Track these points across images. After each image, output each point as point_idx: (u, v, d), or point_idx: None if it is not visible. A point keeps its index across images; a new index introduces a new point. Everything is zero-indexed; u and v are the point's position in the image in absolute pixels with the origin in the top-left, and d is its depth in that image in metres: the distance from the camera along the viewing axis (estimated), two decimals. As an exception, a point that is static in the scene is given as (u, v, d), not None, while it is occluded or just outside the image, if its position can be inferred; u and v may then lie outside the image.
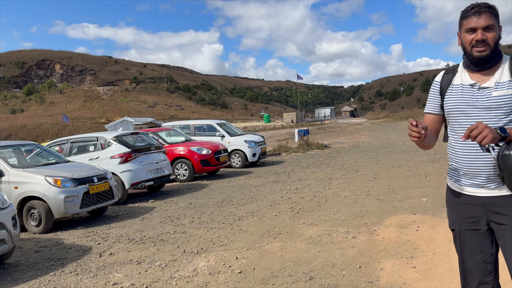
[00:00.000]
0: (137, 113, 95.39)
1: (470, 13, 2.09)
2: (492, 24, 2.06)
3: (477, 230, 2.20)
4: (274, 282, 4.11)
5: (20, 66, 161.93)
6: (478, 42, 2.08)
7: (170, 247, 5.50)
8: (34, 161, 7.75)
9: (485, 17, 2.06)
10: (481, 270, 2.20)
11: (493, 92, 2.09)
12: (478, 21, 2.07)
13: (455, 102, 2.21)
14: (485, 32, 2.06)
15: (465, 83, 2.19)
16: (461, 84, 2.21)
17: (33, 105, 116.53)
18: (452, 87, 2.25)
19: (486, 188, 2.14)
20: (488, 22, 2.06)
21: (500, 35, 2.12)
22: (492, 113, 2.09)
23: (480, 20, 2.06)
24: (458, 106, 2.19)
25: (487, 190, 2.14)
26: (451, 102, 2.23)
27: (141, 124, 48.90)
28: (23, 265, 5.15)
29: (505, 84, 2.09)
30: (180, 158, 11.79)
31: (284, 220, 6.58)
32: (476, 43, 2.08)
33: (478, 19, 2.07)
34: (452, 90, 2.24)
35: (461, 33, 2.17)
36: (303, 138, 19.55)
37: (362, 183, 9.50)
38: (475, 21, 2.07)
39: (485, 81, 2.13)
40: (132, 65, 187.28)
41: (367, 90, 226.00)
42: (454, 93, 2.23)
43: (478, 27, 2.07)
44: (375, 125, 41.03)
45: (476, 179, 2.15)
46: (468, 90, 2.17)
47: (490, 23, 2.06)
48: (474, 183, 2.17)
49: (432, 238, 5.13)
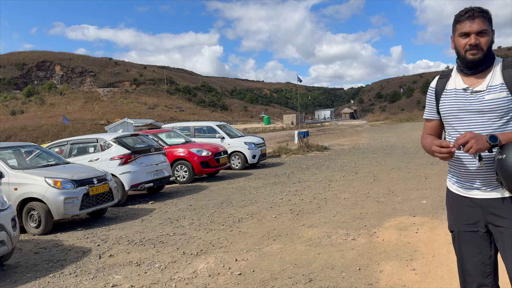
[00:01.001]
0: (137, 115, 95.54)
1: (463, 17, 2.11)
2: (485, 28, 2.07)
3: (476, 232, 2.21)
4: (273, 284, 4.10)
5: (20, 68, 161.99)
6: (472, 47, 2.09)
7: (169, 248, 5.50)
8: (34, 162, 7.75)
9: (479, 21, 2.07)
10: (480, 272, 2.21)
11: (486, 96, 2.10)
12: (471, 25, 2.08)
13: (449, 107, 2.22)
14: (478, 37, 2.08)
15: (458, 87, 2.20)
16: (455, 89, 2.22)
17: (33, 106, 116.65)
18: (446, 91, 2.26)
19: (482, 191, 2.15)
20: (482, 27, 2.07)
21: (493, 39, 2.14)
22: (485, 117, 2.10)
23: (473, 24, 2.07)
24: (452, 111, 2.21)
25: (484, 193, 2.15)
26: (445, 106, 2.24)
27: (141, 125, 48.97)
28: (23, 266, 5.15)
29: (497, 87, 2.10)
30: (180, 160, 11.79)
31: (283, 222, 6.58)
32: (470, 48, 2.10)
33: (471, 23, 2.08)
34: (445, 94, 2.26)
35: (454, 37, 2.19)
36: (303, 140, 19.56)
37: (362, 185, 9.50)
38: (469, 26, 2.08)
39: (478, 84, 2.14)
40: (132, 66, 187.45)
41: (367, 92, 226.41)
42: (448, 97, 2.24)
43: (471, 32, 2.08)
44: (375, 127, 41.05)
45: (473, 182, 2.17)
46: (461, 94, 2.18)
47: (483, 28, 2.07)
48: (471, 186, 2.18)
49: (431, 241, 5.13)
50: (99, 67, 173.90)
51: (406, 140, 22.27)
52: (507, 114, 2.07)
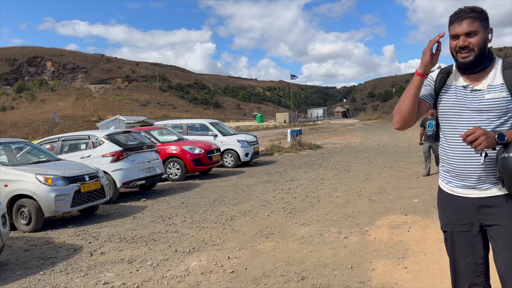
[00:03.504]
0: (129, 112, 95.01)
1: (453, 19, 2.10)
2: (474, 29, 2.04)
3: (469, 232, 2.20)
4: (266, 282, 4.10)
5: (11, 63, 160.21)
6: (461, 48, 2.08)
7: (161, 246, 5.48)
8: (24, 159, 7.67)
9: (467, 22, 2.05)
10: (472, 272, 2.21)
11: (486, 95, 2.09)
12: (460, 27, 2.07)
13: (447, 103, 2.22)
14: (467, 38, 2.06)
15: (458, 84, 2.19)
16: (455, 85, 2.21)
17: (23, 102, 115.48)
18: (446, 87, 2.25)
19: (477, 189, 2.14)
20: (470, 28, 2.04)
21: (488, 38, 2.10)
22: (483, 116, 2.09)
23: (461, 26, 2.06)
24: (451, 108, 2.20)
25: (478, 191, 2.14)
26: (444, 103, 2.23)
27: (133, 122, 48.70)
28: (13, 264, 5.10)
29: (497, 87, 2.09)
30: (172, 157, 11.75)
31: (276, 220, 6.59)
32: (459, 49, 2.09)
33: (459, 25, 2.07)
34: (445, 90, 2.25)
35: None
36: (295, 138, 19.59)
37: (354, 184, 9.53)
38: (457, 28, 2.08)
39: (478, 83, 2.13)
40: (124, 63, 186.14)
41: (360, 91, 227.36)
42: (447, 94, 2.23)
43: (460, 34, 2.07)
44: (367, 126, 41.22)
45: (467, 180, 2.16)
46: (461, 91, 2.17)
47: (472, 29, 2.04)
48: (466, 184, 2.17)
49: (423, 239, 5.16)
50: (91, 64, 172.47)
51: (398, 139, 22.39)
52: (506, 114, 2.07)
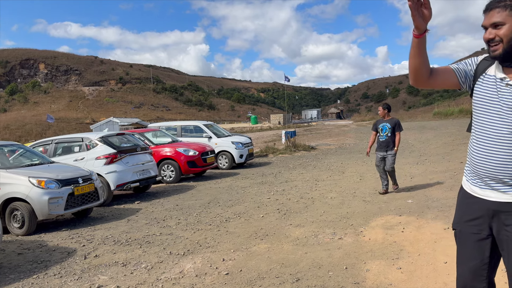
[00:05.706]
0: (123, 114, 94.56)
1: (484, 8, 1.98)
2: (501, 20, 1.90)
3: (478, 234, 2.14)
4: (261, 283, 4.10)
5: (3, 66, 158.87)
6: (489, 41, 1.96)
7: (156, 249, 5.46)
8: (17, 161, 7.61)
9: (493, 13, 1.92)
10: (475, 275, 2.15)
11: None
12: (486, 18, 1.96)
13: (481, 93, 2.08)
14: (494, 30, 1.93)
15: (497, 76, 2.04)
16: (494, 76, 2.05)
17: (16, 105, 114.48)
18: (485, 76, 2.10)
19: (496, 191, 2.04)
20: (496, 19, 1.91)
21: None
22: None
23: (488, 17, 1.95)
24: (484, 98, 2.07)
25: (497, 193, 2.04)
26: (480, 92, 2.10)
27: (127, 124, 48.50)
28: (6, 267, 5.05)
29: None
30: (166, 159, 11.71)
31: (271, 221, 6.59)
32: (488, 42, 1.98)
33: (486, 16, 1.96)
34: (484, 79, 2.10)
35: None
36: (290, 139, 19.63)
37: (349, 185, 9.56)
38: (485, 19, 1.97)
39: None
40: (118, 65, 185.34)
41: (353, 93, 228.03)
42: (484, 83, 2.09)
43: (486, 25, 1.96)
44: (361, 127, 41.30)
45: (488, 180, 2.06)
46: (497, 83, 2.03)
47: (498, 20, 1.90)
48: (485, 185, 2.09)
49: (417, 240, 5.18)
50: (84, 66, 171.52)
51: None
52: None
